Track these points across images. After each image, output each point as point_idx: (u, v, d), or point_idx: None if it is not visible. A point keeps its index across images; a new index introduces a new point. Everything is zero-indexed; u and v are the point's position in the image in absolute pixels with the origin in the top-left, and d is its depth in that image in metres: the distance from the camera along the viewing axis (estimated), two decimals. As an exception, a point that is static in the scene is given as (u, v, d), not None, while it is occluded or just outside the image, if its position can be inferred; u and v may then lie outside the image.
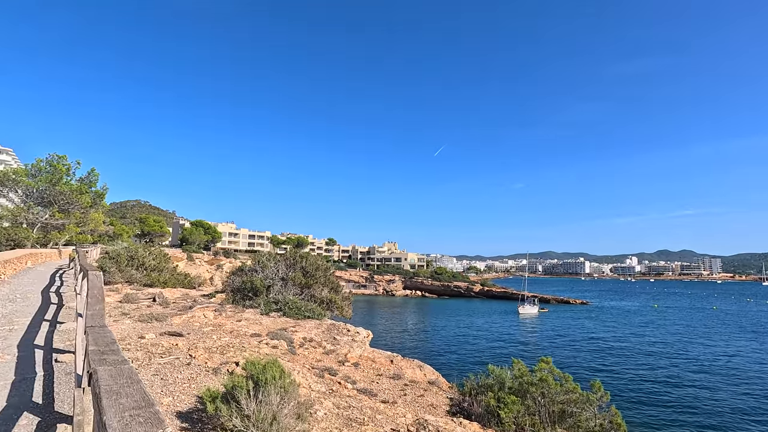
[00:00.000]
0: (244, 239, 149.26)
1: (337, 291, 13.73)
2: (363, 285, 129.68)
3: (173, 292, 14.35)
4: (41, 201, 34.90)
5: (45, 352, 6.76)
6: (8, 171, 35.15)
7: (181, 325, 9.13)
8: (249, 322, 9.68)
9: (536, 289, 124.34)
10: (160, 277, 16.48)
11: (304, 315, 10.90)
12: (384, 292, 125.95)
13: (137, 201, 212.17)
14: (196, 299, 12.89)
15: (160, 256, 18.32)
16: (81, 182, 35.76)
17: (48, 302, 11.20)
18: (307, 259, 14.06)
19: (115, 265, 16.06)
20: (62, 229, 36.57)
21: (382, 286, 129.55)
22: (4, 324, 8.67)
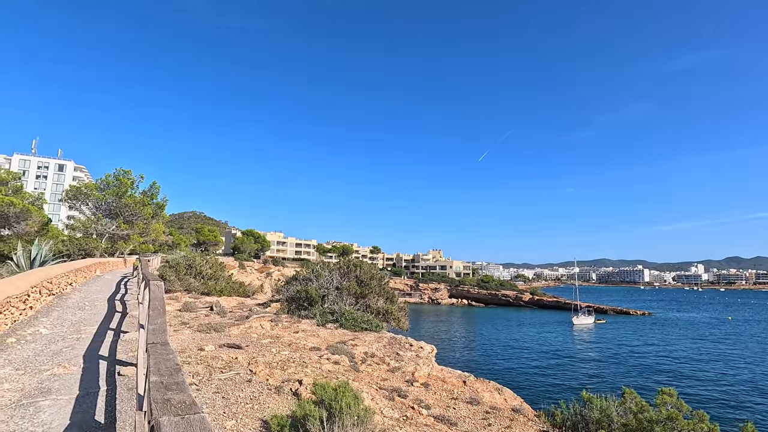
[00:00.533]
0: (291, 248, 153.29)
1: (392, 301, 13.12)
2: (408, 293, 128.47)
3: (229, 301, 14.40)
4: (109, 213, 37.35)
5: (108, 364, 6.63)
6: (81, 186, 37.99)
7: (239, 336, 8.84)
8: (306, 334, 9.24)
9: (590, 299, 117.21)
10: (216, 285, 16.76)
11: (361, 327, 10.35)
12: (429, 300, 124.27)
13: (193, 212, 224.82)
14: (252, 308, 12.76)
15: (216, 265, 18.71)
16: (144, 195, 37.99)
17: (113, 310, 11.44)
18: (361, 267, 13.59)
19: (174, 273, 16.52)
20: (127, 239, 38.89)
21: (428, 294, 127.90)
22: (73, 333, 8.79)
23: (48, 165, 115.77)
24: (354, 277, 13.18)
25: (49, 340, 8.03)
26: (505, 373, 30.55)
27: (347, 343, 8.70)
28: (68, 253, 26.07)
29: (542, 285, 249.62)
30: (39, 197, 35.94)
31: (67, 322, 9.73)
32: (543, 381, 28.75)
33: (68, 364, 6.47)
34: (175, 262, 17.70)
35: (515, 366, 34.60)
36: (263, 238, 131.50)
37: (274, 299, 14.74)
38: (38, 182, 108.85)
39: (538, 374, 31.60)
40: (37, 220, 31.55)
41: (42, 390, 5.41)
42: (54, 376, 5.96)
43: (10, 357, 6.81)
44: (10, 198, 28.79)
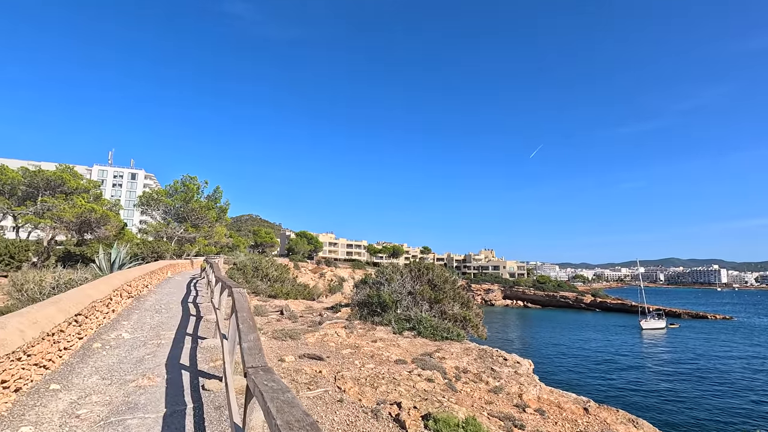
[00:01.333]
0: (342, 248, 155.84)
1: (468, 306, 12.12)
2: None
3: (297, 305, 14.14)
4: (177, 217, 39.37)
5: (191, 376, 6.27)
6: (152, 192, 40.40)
7: (317, 345, 8.28)
8: (386, 344, 8.50)
9: (659, 301, 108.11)
10: (282, 288, 16.71)
11: (441, 336, 9.47)
12: (482, 301, 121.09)
13: (249, 215, 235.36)
14: (322, 313, 12.35)
15: (282, 267, 18.75)
16: (208, 199, 39.73)
17: (188, 314, 11.43)
18: (433, 270, 12.74)
19: (242, 275, 16.66)
20: (193, 242, 40.79)
21: (480, 295, 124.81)
22: (153, 338, 8.69)
23: (122, 174, 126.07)
24: (427, 281, 12.34)
25: (132, 346, 7.93)
26: (584, 387, 28.26)
27: (433, 356, 7.86)
28: (142, 255, 27.53)
29: (603, 286, 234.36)
30: (116, 203, 38.60)
31: (147, 326, 9.74)
32: (630, 399, 26.20)
33: (152, 375, 6.19)
34: (242, 264, 17.93)
35: (590, 377, 32.02)
36: (316, 239, 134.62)
37: (343, 303, 14.24)
38: (114, 190, 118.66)
39: (619, 389, 28.95)
40: (114, 225, 33.77)
41: (129, 405, 5.09)
42: (139, 389, 5.66)
43: (96, 364, 6.69)
44: (92, 204, 30.96)
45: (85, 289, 8.41)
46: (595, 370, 34.24)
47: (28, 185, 31.50)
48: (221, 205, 41.44)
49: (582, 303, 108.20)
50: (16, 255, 24.05)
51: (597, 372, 33.68)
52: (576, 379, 30.60)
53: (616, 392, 27.38)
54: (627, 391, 28.01)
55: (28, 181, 31.33)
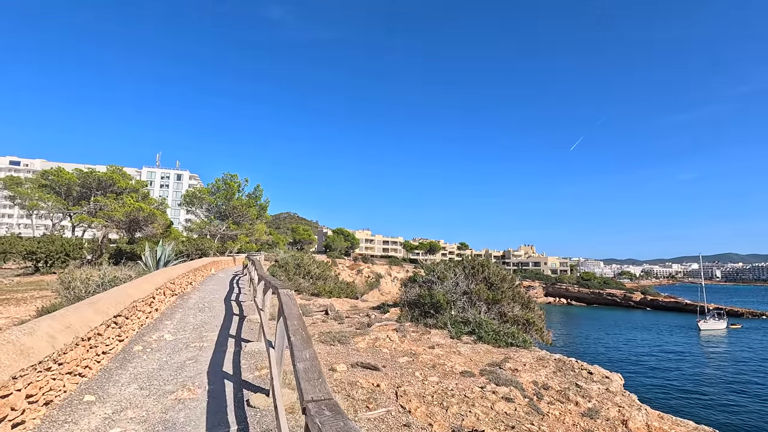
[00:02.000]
0: (378, 245, 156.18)
1: (529, 307, 10.93)
2: None
3: (342, 304, 13.46)
4: (219, 215, 40.12)
5: (235, 387, 5.58)
6: (196, 191, 41.38)
7: (369, 351, 7.44)
8: (445, 351, 7.54)
9: (717, 299, 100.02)
10: (325, 286, 16.12)
11: (505, 342, 8.38)
12: None
13: (287, 213, 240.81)
14: (369, 314, 11.57)
15: (324, 265, 18.21)
16: (249, 197, 40.26)
17: (231, 313, 10.96)
18: (489, 268, 11.62)
19: (284, 273, 16.22)
20: (235, 239, 41.46)
21: None
22: (195, 339, 8.19)
23: (169, 175, 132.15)
24: (482, 279, 11.25)
25: (173, 349, 7.43)
26: (644, 394, 26.05)
27: (503, 366, 6.81)
28: (187, 252, 27.99)
29: (652, 283, 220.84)
30: (162, 202, 39.80)
31: (189, 326, 9.30)
32: (706, 413, 23.83)
33: (193, 386, 5.56)
34: (284, 262, 17.53)
35: (650, 384, 29.54)
36: (352, 236, 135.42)
37: (389, 303, 13.41)
38: (162, 190, 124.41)
39: (686, 399, 26.49)
40: (161, 223, 34.72)
41: (166, 425, 4.44)
42: (179, 402, 5.04)
43: (136, 370, 6.18)
44: (140, 203, 31.90)
45: (126, 288, 8.02)
46: (654, 376, 31.66)
47: (82, 186, 32.93)
48: (261, 202, 41.90)
49: (631, 301, 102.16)
50: (71, 253, 25.01)
51: (657, 378, 31.11)
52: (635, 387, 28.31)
53: (684, 402, 25.02)
54: (696, 401, 25.54)
55: (81, 181, 32.75)
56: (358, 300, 15.85)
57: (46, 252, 23.62)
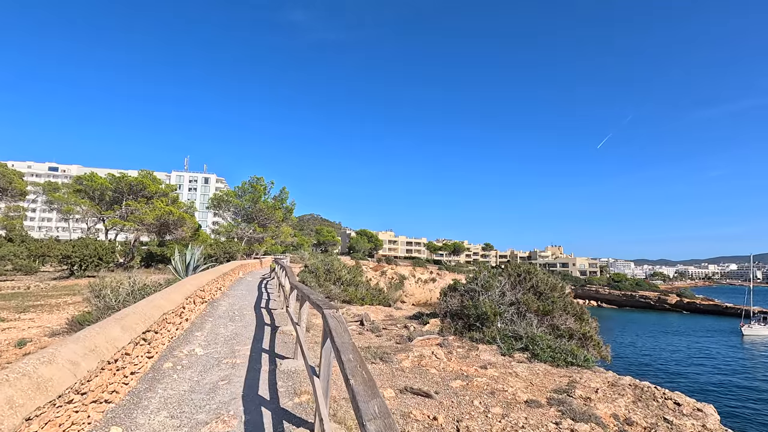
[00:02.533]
0: (402, 246, 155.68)
1: (583, 319, 9.98)
2: None
3: (376, 312, 12.76)
4: (246, 218, 40.31)
5: (274, 419, 4.97)
6: (223, 194, 41.74)
7: (415, 371, 6.73)
8: (499, 372, 6.74)
9: (758, 302, 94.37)
10: (356, 292, 15.45)
11: (565, 360, 7.50)
12: None
13: (311, 214, 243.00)
14: (407, 324, 10.84)
15: (355, 270, 17.58)
16: (275, 200, 40.32)
17: (262, 322, 10.47)
18: (537, 275, 10.72)
19: (314, 279, 15.69)
20: (261, 242, 41.57)
21: None
22: (227, 354, 7.68)
23: (197, 179, 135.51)
24: (530, 287, 10.36)
25: (204, 366, 6.92)
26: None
27: (571, 393, 5.96)
28: (216, 256, 28.01)
29: (687, 285, 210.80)
30: (191, 206, 40.30)
31: (220, 337, 8.83)
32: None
33: (227, 415, 4.99)
34: (314, 267, 16.98)
35: (702, 396, 27.59)
36: (376, 237, 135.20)
37: (426, 313, 12.61)
38: (190, 194, 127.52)
39: (738, 413, 24.58)
40: (190, 227, 35.05)
41: (200, 469, 3.88)
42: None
43: (166, 393, 5.68)
44: (169, 207, 32.24)
45: (156, 299, 7.58)
46: (703, 387, 29.64)
47: (114, 190, 33.59)
48: (287, 205, 41.89)
49: (665, 303, 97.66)
50: (104, 256, 25.36)
51: (707, 389, 29.09)
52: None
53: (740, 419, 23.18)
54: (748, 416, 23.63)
55: (114, 186, 33.40)
56: (392, 307, 15.15)
57: (80, 256, 24.00)
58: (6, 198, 46.74)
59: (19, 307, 12.62)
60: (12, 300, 14.32)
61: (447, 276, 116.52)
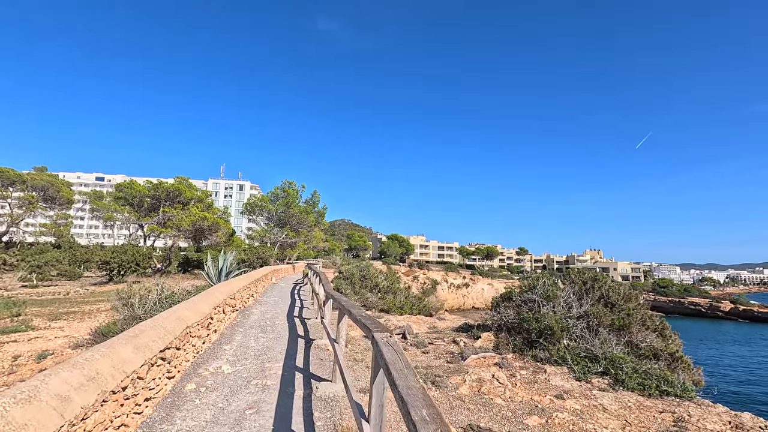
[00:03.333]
0: (434, 251, 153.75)
1: (664, 335, 8.46)
2: None
3: (418, 324, 11.65)
4: (278, 223, 40.23)
5: (311, 467, 3.98)
6: (256, 199, 41.90)
7: (476, 402, 5.57)
8: (581, 404, 5.46)
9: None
10: (395, 300, 14.28)
11: (657, 388, 6.10)
12: None
13: (342, 219, 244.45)
14: (455, 339, 9.67)
15: (392, 276, 16.49)
16: (307, 204, 40.07)
17: (295, 334, 9.59)
18: (605, 283, 9.30)
19: (349, 286, 14.73)
20: (294, 246, 41.35)
21: None
22: (257, 373, 6.80)
23: (232, 186, 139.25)
24: (598, 297, 8.96)
25: (231, 388, 6.05)
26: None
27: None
28: (249, 261, 27.75)
29: (740, 291, 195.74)
30: (225, 211, 40.65)
31: (250, 351, 8.00)
32: None
33: (255, 460, 4.06)
34: (349, 273, 16.02)
35: None
36: (407, 241, 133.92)
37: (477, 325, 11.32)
38: (226, 200, 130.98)
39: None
40: (224, 232, 35.18)
41: None
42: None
43: (185, 424, 4.82)
44: (204, 213, 32.41)
45: (179, 310, 6.82)
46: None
47: (152, 197, 34.21)
48: (319, 209, 41.55)
49: (718, 311, 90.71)
50: (141, 262, 25.56)
51: None
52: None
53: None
54: None
55: (152, 193, 34.02)
56: (434, 317, 13.94)
57: (118, 262, 24.27)
58: (55, 206, 49.01)
59: (53, 314, 12.41)
60: (48, 306, 14.23)
61: (480, 281, 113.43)
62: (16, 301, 13.38)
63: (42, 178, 47.23)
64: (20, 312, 11.48)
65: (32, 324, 10.52)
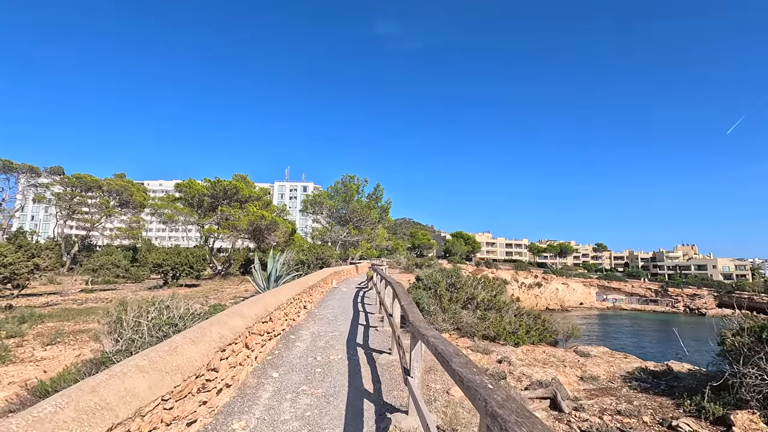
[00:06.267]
0: (501, 248, 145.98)
1: None
2: (652, 300, 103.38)
3: (551, 363, 7.25)
4: (340, 220, 37.56)
5: None
6: (316, 195, 39.62)
7: None
8: None
9: None
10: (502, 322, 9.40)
11: None
12: (686, 309, 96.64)
13: (403, 218, 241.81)
14: (675, 425, 5.31)
15: (494, 285, 11.81)
16: (369, 198, 37.01)
17: (358, 390, 5.84)
18: None
19: (434, 298, 10.46)
20: (356, 245, 38.42)
21: (682, 301, 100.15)
22: None
23: (296, 188, 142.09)
24: None
25: None
26: None
27: None
28: (307, 262, 24.98)
29: None
30: (283, 209, 38.77)
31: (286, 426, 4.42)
32: None
33: None
34: (432, 281, 11.74)
35: None
36: (473, 239, 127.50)
37: (673, 374, 6.75)
38: (291, 202, 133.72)
39: None
40: (283, 231, 32.99)
41: None
42: None
43: None
44: (262, 211, 30.34)
45: (180, 345, 3.41)
46: None
47: (211, 196, 32.96)
48: (382, 204, 38.27)
49: None
50: (194, 264, 23.73)
51: None
52: None
53: None
54: None
55: (210, 192, 32.76)
56: (565, 348, 9.29)
57: (170, 264, 22.57)
58: (129, 210, 50.75)
59: (58, 334, 9.96)
60: (74, 318, 12.04)
61: (554, 280, 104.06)
62: (31, 314, 11.31)
63: (116, 183, 49.01)
64: (17, 332, 9.15)
65: (16, 352, 8.02)
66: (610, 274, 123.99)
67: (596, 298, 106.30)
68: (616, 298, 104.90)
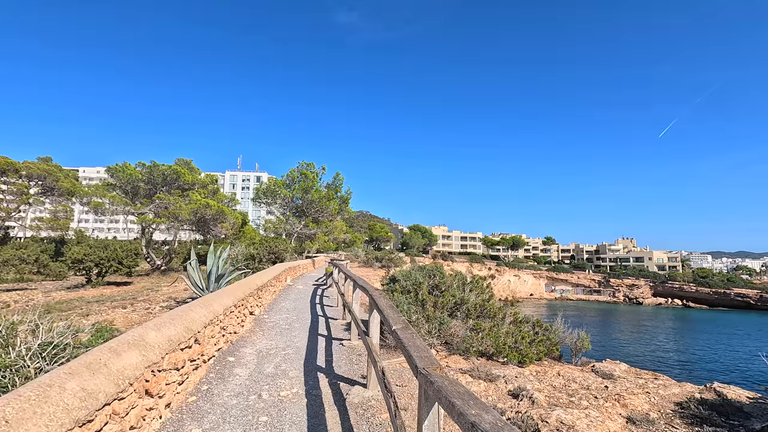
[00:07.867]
0: (456, 241, 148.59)
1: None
2: (595, 290, 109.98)
3: (574, 392, 5.52)
4: (296, 211, 34.97)
5: None
6: (270, 183, 36.70)
7: None
8: None
9: None
10: (498, 332, 7.28)
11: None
12: (625, 299, 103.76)
13: (360, 211, 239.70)
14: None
15: (480, 286, 9.77)
16: (328, 188, 34.66)
17: (318, 416, 3.94)
18: None
19: (414, 303, 8.26)
20: (313, 239, 36.07)
21: (622, 291, 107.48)
22: None
23: (249, 177, 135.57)
24: None
25: None
26: None
27: None
28: (258, 257, 22.45)
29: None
30: (232, 198, 35.60)
31: None
32: None
33: None
34: (412, 282, 9.41)
35: None
36: (429, 232, 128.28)
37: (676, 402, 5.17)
38: (243, 192, 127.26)
39: None
40: (232, 222, 30.01)
41: None
42: None
43: None
44: (206, 200, 27.24)
45: None
46: None
47: (147, 182, 29.24)
48: (342, 194, 36.06)
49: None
50: (124, 260, 20.46)
51: None
52: None
53: None
54: None
55: (146, 177, 29.04)
56: (563, 362, 7.58)
57: (94, 260, 19.20)
58: (54, 197, 44.86)
59: None
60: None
61: (506, 272, 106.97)
62: None
63: (38, 167, 42.99)
64: None
65: None
66: (558, 266, 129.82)
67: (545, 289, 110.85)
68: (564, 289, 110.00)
